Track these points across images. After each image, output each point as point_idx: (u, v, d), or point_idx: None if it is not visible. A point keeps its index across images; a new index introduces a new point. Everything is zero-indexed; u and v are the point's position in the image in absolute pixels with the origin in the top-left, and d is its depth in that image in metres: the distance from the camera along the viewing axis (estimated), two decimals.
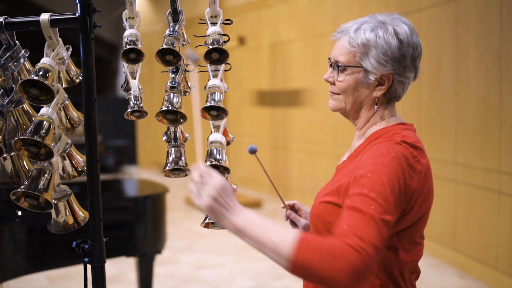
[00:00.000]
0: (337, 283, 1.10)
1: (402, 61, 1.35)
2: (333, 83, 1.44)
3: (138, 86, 1.58)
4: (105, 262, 1.47)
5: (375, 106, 1.40)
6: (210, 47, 1.47)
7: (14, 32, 1.46)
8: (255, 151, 1.35)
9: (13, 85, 1.48)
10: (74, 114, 1.56)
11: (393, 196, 1.21)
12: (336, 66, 1.40)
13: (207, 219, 1.49)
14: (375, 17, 1.41)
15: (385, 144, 1.30)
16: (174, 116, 1.49)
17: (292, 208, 1.64)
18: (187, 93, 1.62)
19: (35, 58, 1.47)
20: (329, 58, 1.45)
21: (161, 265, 4.56)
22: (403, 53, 1.35)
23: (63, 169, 1.54)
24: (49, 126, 1.39)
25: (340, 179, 1.36)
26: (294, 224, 1.65)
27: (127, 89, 1.59)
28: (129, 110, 1.56)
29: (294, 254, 1.12)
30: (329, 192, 1.37)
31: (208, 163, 1.42)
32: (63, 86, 1.53)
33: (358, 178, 1.25)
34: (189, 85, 1.63)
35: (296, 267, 1.12)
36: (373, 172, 1.23)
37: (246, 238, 1.17)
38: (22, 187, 1.39)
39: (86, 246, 1.44)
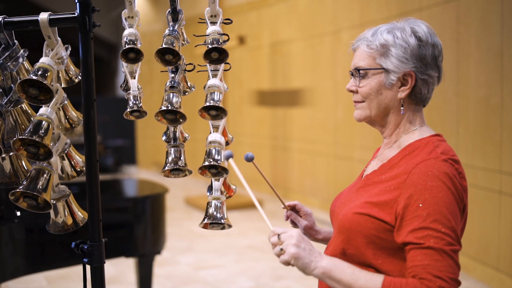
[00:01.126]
0: None
1: (423, 59, 1.33)
2: (356, 92, 1.41)
3: (138, 86, 1.57)
4: (104, 262, 1.46)
5: (402, 109, 1.37)
6: (210, 46, 1.46)
7: (13, 31, 1.45)
8: (252, 159, 1.37)
9: (12, 85, 1.47)
10: (73, 114, 1.55)
11: (455, 222, 1.22)
12: (358, 72, 1.38)
13: (206, 219, 1.48)
14: (392, 23, 1.40)
15: (431, 163, 1.27)
16: (173, 116, 1.49)
17: (293, 208, 1.63)
18: (187, 93, 1.61)
19: (34, 57, 1.46)
20: (350, 71, 1.43)
21: (161, 265, 4.55)
22: (423, 51, 1.33)
23: (62, 169, 1.53)
24: (48, 126, 1.39)
25: (381, 193, 1.33)
26: (294, 224, 1.64)
27: (126, 88, 1.59)
28: (128, 110, 1.56)
29: None
30: (367, 204, 1.34)
31: (207, 163, 1.42)
32: (62, 85, 1.52)
33: (415, 206, 1.24)
34: (189, 85, 1.63)
35: None
36: (431, 200, 1.22)
37: (333, 282, 1.22)
38: (21, 187, 1.38)
39: (85, 247, 1.43)
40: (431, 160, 1.28)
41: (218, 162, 1.42)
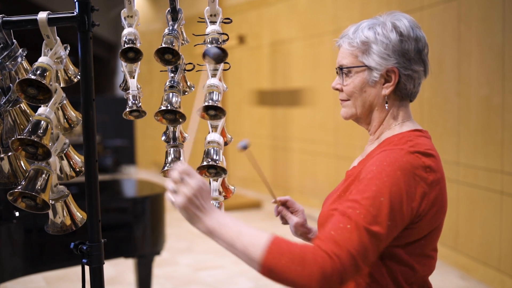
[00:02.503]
0: (307, 284, 1.09)
1: (406, 54, 1.32)
2: (341, 90, 1.40)
3: (137, 86, 1.57)
4: (104, 263, 1.46)
5: (386, 105, 1.35)
6: (209, 46, 1.45)
7: (11, 31, 1.45)
8: (246, 147, 1.30)
9: (11, 85, 1.47)
10: (72, 113, 1.55)
11: (389, 207, 1.16)
12: (341, 70, 1.37)
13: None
14: (375, 18, 1.40)
15: (395, 152, 1.25)
16: (173, 116, 1.48)
17: (284, 204, 1.59)
18: (186, 93, 1.61)
19: (32, 57, 1.46)
20: (336, 69, 1.42)
21: (160, 266, 4.54)
22: (405, 46, 1.32)
23: (61, 170, 1.53)
24: (47, 126, 1.38)
25: (349, 185, 1.33)
26: (284, 220, 1.60)
27: (126, 88, 1.58)
28: (127, 109, 1.55)
29: (264, 258, 1.11)
30: (336, 198, 1.34)
31: (205, 163, 1.41)
32: (61, 85, 1.52)
33: (357, 184, 1.23)
34: (188, 85, 1.62)
35: (266, 271, 1.12)
36: (372, 180, 1.20)
37: (218, 240, 1.17)
38: (20, 187, 1.38)
39: (84, 247, 1.43)
40: (396, 149, 1.26)
41: (217, 162, 1.42)
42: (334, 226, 1.15)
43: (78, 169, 1.55)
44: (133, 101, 1.55)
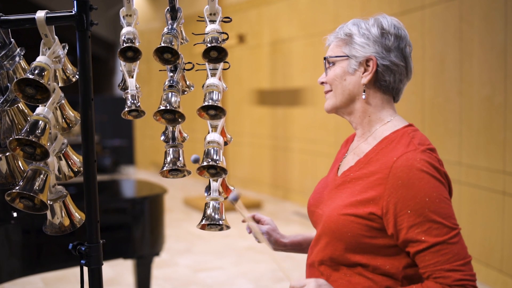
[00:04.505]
0: None
1: (385, 44, 1.38)
2: (325, 82, 1.47)
3: (136, 85, 1.55)
4: (102, 264, 1.45)
5: (363, 94, 1.40)
6: (209, 45, 1.44)
7: (9, 30, 1.44)
8: (236, 199, 1.41)
9: (8, 84, 1.46)
10: (71, 113, 1.54)
11: (448, 207, 1.26)
12: (325, 60, 1.46)
13: (204, 220, 1.47)
14: (359, 19, 1.48)
15: (412, 155, 1.29)
16: (172, 116, 1.47)
17: (253, 219, 1.65)
18: (186, 92, 1.60)
19: (30, 56, 1.45)
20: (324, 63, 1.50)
21: (159, 267, 4.53)
22: (385, 38, 1.39)
23: (59, 170, 1.52)
24: (45, 125, 1.38)
25: (364, 191, 1.33)
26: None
27: (124, 88, 1.57)
28: (126, 109, 1.54)
29: None
30: (351, 203, 1.34)
31: (205, 163, 1.40)
32: (59, 85, 1.51)
33: (406, 203, 1.25)
34: (188, 84, 1.61)
35: None
36: (420, 194, 1.25)
37: None
38: (17, 188, 1.37)
39: (83, 248, 1.42)
40: (411, 152, 1.29)
41: (217, 162, 1.41)
42: (437, 258, 1.23)
43: (76, 169, 1.54)
44: (132, 101, 1.53)
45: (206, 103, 1.42)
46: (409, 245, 1.26)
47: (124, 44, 1.48)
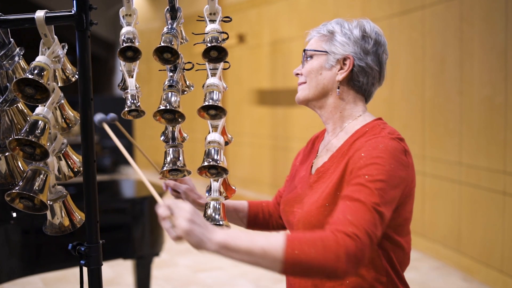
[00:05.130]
0: (336, 271, 1.12)
1: (364, 47, 1.42)
2: (300, 74, 1.50)
3: (135, 85, 1.55)
4: (102, 264, 1.45)
5: (338, 91, 1.44)
6: (209, 45, 1.44)
7: (8, 29, 1.44)
8: (101, 121, 1.30)
9: (8, 84, 1.46)
10: (70, 113, 1.54)
11: (390, 190, 1.25)
12: (304, 53, 1.49)
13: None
14: (343, 20, 1.51)
15: (380, 139, 1.33)
16: (172, 116, 1.47)
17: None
18: (186, 92, 1.59)
19: (30, 56, 1.44)
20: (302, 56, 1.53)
21: (159, 268, 4.53)
22: (365, 41, 1.43)
23: (59, 170, 1.52)
24: (45, 125, 1.37)
25: (335, 179, 1.36)
26: (175, 192, 1.65)
27: (124, 88, 1.56)
28: (126, 109, 1.54)
29: (285, 253, 1.11)
30: (329, 194, 1.36)
31: (206, 163, 1.40)
32: (59, 85, 1.50)
33: (356, 170, 1.28)
34: (188, 84, 1.61)
35: (290, 265, 1.12)
36: (373, 165, 1.27)
37: (232, 252, 1.13)
38: (17, 188, 1.37)
39: (82, 249, 1.42)
40: (379, 138, 1.34)
41: (218, 162, 1.40)
42: (347, 210, 1.20)
43: (76, 169, 1.54)
44: (132, 101, 1.53)
45: (206, 103, 1.42)
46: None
47: (123, 44, 1.47)
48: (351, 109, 1.46)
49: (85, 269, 1.43)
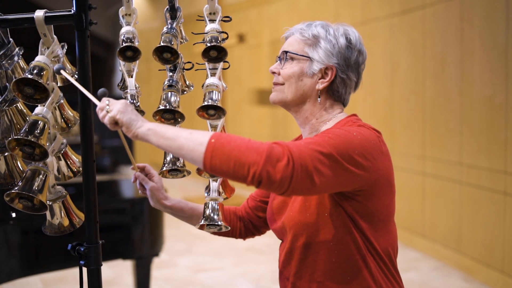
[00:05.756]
0: (253, 163, 1.11)
1: (347, 59, 1.41)
2: (278, 74, 1.46)
3: (135, 85, 1.54)
4: (101, 265, 1.45)
5: (319, 99, 1.43)
6: (209, 44, 1.44)
7: (7, 29, 1.44)
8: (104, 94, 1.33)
9: (7, 84, 1.46)
10: (70, 113, 1.54)
11: (346, 148, 1.22)
12: (285, 54, 1.45)
13: (203, 220, 1.46)
14: (327, 22, 1.48)
15: (347, 126, 1.34)
16: (171, 116, 1.47)
17: (142, 170, 1.63)
18: (185, 92, 1.59)
19: (29, 56, 1.44)
20: (277, 56, 1.49)
21: (159, 268, 4.52)
22: (349, 52, 1.41)
23: (58, 170, 1.52)
24: (44, 125, 1.37)
25: None
26: (142, 186, 1.62)
27: (124, 87, 1.56)
28: None
29: (210, 137, 1.14)
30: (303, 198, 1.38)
31: None
32: (58, 84, 1.50)
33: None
34: (187, 84, 1.60)
35: (211, 149, 1.13)
36: (335, 130, 1.28)
37: (158, 138, 1.18)
38: (16, 188, 1.37)
39: (82, 249, 1.42)
40: (347, 125, 1.36)
41: None
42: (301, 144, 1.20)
43: (75, 170, 1.54)
44: (131, 101, 1.53)
45: (206, 103, 1.42)
46: None
47: (123, 43, 1.47)
48: (328, 114, 1.44)
49: (84, 270, 1.43)
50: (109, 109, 1.21)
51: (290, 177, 1.13)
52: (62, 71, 1.33)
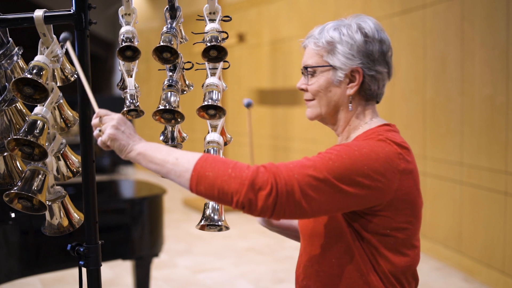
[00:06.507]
0: (236, 191, 1.11)
1: (370, 54, 1.34)
2: (306, 90, 1.41)
3: (135, 85, 1.54)
4: (101, 265, 1.45)
5: (350, 106, 1.37)
6: (208, 44, 1.44)
7: (7, 29, 1.43)
8: (250, 105, 1.37)
9: (6, 84, 1.46)
10: (69, 113, 1.53)
11: (346, 170, 1.17)
12: (306, 70, 1.39)
13: (203, 220, 1.46)
14: (341, 20, 1.41)
15: (367, 140, 1.29)
16: (171, 115, 1.46)
17: None
18: (185, 92, 1.59)
19: (29, 55, 1.44)
20: (301, 69, 1.43)
21: (158, 268, 4.52)
22: (369, 47, 1.34)
23: (58, 170, 1.52)
24: (43, 125, 1.37)
25: None
26: None
27: (123, 87, 1.56)
28: (125, 109, 1.53)
29: (196, 164, 1.15)
30: None
31: None
32: (58, 84, 1.50)
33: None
34: (187, 84, 1.60)
35: (196, 176, 1.14)
36: (338, 146, 1.24)
37: (148, 162, 1.19)
38: (16, 188, 1.37)
39: (81, 249, 1.42)
40: (367, 139, 1.30)
41: None
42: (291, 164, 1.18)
43: (75, 170, 1.53)
44: (131, 100, 1.52)
45: (205, 103, 1.41)
46: None
47: (123, 43, 1.47)
48: (360, 120, 1.39)
49: (84, 270, 1.43)
50: (101, 131, 1.22)
51: (272, 205, 1.12)
52: (68, 42, 1.30)
